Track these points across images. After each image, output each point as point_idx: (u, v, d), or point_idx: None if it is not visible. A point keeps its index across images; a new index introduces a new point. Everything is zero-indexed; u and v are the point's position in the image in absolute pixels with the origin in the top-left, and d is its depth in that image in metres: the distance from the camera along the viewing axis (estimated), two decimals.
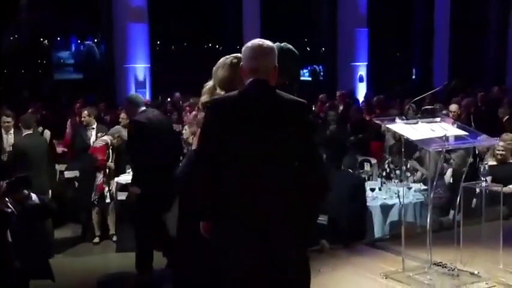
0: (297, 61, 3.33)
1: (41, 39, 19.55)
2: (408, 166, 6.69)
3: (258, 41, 2.88)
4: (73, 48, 20.45)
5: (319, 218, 5.41)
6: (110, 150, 6.60)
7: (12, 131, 6.79)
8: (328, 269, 4.55)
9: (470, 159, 5.67)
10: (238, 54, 3.11)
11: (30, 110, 8.98)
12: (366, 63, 14.66)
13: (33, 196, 4.46)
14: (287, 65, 3.12)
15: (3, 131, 6.87)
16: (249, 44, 2.87)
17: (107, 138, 6.62)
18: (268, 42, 2.90)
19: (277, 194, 2.74)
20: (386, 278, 4.32)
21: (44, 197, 4.67)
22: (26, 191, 4.37)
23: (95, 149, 6.61)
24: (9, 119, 6.82)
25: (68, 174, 7.35)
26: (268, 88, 2.82)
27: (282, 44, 3.29)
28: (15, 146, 6.28)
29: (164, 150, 5.04)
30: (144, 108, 5.32)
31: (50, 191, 6.31)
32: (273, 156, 2.74)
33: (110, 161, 6.64)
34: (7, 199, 4.14)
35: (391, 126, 4.45)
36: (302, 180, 2.83)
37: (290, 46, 3.33)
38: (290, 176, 2.79)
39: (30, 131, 6.41)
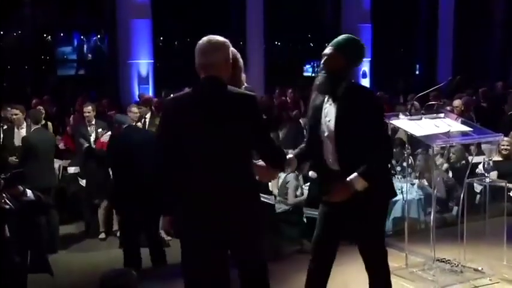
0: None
1: (44, 35, 19.57)
2: (418, 162, 6.68)
3: (207, 37, 2.91)
4: (76, 44, 20.47)
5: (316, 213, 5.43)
6: None
7: (24, 125, 6.64)
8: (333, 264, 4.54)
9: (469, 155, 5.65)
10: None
11: (33, 104, 9.00)
12: (369, 59, 14.60)
13: (29, 192, 4.47)
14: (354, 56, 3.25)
15: (15, 126, 6.74)
16: (200, 41, 2.91)
17: (106, 136, 6.62)
18: (217, 38, 2.93)
19: (233, 190, 2.80)
20: (390, 273, 4.32)
21: (39, 193, 4.66)
22: (21, 187, 4.38)
23: (102, 143, 6.62)
24: (17, 112, 6.68)
25: (71, 170, 7.37)
26: (219, 84, 2.83)
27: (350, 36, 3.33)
28: (25, 141, 6.26)
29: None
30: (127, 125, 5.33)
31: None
32: (226, 151, 2.78)
33: None
34: (4, 195, 4.15)
35: (395, 122, 4.44)
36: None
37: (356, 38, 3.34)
38: (245, 170, 2.86)
39: (38, 126, 6.50)
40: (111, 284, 2.79)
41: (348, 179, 3.06)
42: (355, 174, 3.05)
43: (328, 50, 3.25)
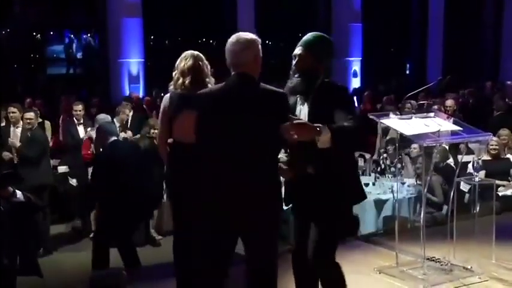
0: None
1: (34, 34, 19.45)
2: (403, 161, 6.73)
3: (235, 35, 2.98)
4: (66, 42, 20.36)
5: None
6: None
7: (20, 124, 6.47)
8: None
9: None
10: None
11: (27, 104, 8.93)
12: (359, 58, 14.68)
13: (18, 193, 4.44)
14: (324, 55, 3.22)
15: (11, 124, 6.59)
16: (229, 39, 2.97)
17: (92, 133, 6.55)
18: (246, 36, 2.97)
19: (261, 186, 2.86)
20: (380, 273, 4.36)
21: (28, 194, 4.64)
22: (11, 188, 4.35)
23: (89, 142, 6.59)
24: (15, 110, 6.61)
25: (61, 169, 7.34)
26: (251, 80, 2.91)
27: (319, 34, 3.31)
28: (43, 137, 6.32)
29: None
30: (114, 138, 4.96)
31: None
32: (257, 145, 2.84)
33: None
34: None
35: (386, 121, 4.46)
36: None
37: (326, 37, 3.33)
38: (273, 166, 2.94)
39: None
40: (100, 284, 2.80)
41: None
42: (324, 125, 2.88)
43: (298, 51, 3.23)
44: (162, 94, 12.08)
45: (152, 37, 18.25)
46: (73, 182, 6.95)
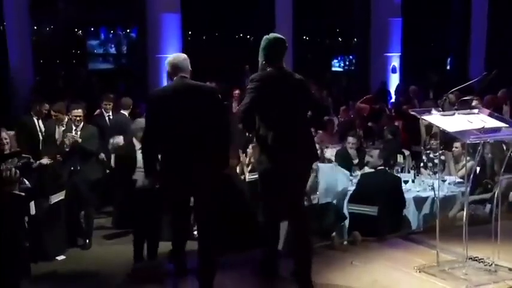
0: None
1: (75, 30, 19.87)
2: (443, 158, 6.60)
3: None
4: (106, 38, 20.74)
5: (368, 209, 5.41)
6: None
7: (64, 123, 6.54)
8: (361, 261, 4.51)
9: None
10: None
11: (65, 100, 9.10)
12: (399, 53, 14.41)
13: (26, 181, 4.56)
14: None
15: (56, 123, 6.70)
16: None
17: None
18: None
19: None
20: (420, 271, 4.26)
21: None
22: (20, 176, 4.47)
23: None
24: (60, 111, 6.65)
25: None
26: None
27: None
28: (94, 132, 6.44)
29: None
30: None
31: None
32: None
33: None
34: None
35: (428, 117, 4.37)
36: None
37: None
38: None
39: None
40: (140, 275, 2.80)
41: None
42: None
43: None
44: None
45: (190, 32, 18.37)
46: None
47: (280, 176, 3.88)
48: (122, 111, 7.82)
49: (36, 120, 7.18)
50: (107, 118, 7.89)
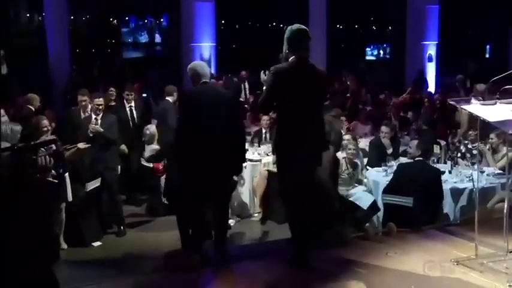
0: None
1: (110, 19, 20.11)
2: (481, 148, 6.43)
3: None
4: (140, 27, 20.92)
5: (404, 201, 5.32)
6: None
7: (88, 109, 6.57)
8: (396, 252, 4.45)
9: None
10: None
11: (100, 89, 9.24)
12: (436, 42, 14.10)
13: (59, 169, 4.65)
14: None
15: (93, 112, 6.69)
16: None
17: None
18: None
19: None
20: (457, 264, 4.17)
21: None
22: None
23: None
24: (85, 97, 6.75)
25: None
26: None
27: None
28: (114, 121, 6.38)
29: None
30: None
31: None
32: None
33: None
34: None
35: (467, 107, 4.25)
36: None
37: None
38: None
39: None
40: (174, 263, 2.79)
41: None
42: None
43: None
44: (235, 79, 12.23)
45: (223, 21, 18.37)
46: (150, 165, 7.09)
47: (292, 164, 4.15)
48: (166, 98, 7.75)
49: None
50: (128, 109, 7.59)
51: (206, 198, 4.56)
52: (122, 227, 6.30)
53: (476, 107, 4.20)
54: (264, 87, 4.27)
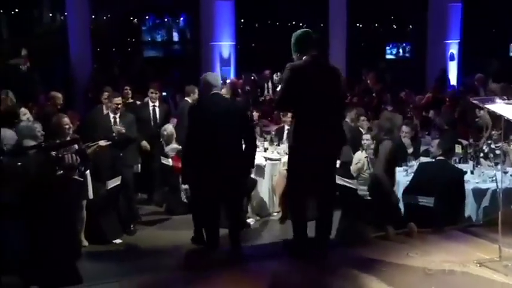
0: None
1: (131, 18, 20.26)
2: (505, 148, 6.33)
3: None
4: (159, 25, 21.05)
5: (425, 201, 5.27)
6: None
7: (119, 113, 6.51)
8: (417, 253, 4.40)
9: None
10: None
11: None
12: (458, 40, 13.92)
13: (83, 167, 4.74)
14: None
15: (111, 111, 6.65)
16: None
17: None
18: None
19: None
20: (480, 265, 4.12)
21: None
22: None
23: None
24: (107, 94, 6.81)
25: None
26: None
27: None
28: (133, 120, 6.48)
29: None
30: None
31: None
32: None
33: None
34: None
35: (491, 106, 4.19)
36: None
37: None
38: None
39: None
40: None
41: None
42: None
43: None
44: (253, 77, 12.24)
45: (242, 20, 18.37)
46: (168, 161, 7.12)
47: (305, 162, 4.24)
48: (186, 98, 7.77)
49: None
50: (151, 108, 7.50)
51: (215, 201, 4.73)
52: (131, 226, 6.30)
53: (499, 106, 4.13)
54: (279, 87, 4.45)
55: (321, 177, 4.37)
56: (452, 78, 13.64)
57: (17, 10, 16.26)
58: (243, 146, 4.71)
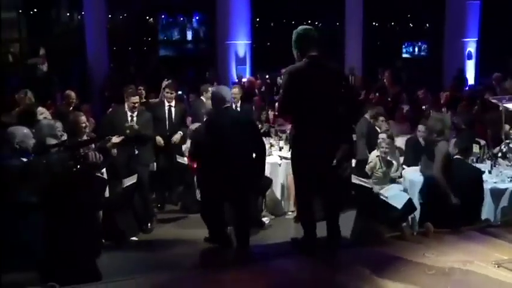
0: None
1: (147, 17, 20.36)
2: None
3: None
4: (176, 25, 21.12)
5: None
6: None
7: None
8: (434, 253, 4.36)
9: None
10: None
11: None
12: (475, 39, 13.77)
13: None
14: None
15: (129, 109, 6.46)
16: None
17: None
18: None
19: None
20: (498, 266, 4.07)
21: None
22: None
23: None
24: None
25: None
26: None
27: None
28: (150, 118, 6.49)
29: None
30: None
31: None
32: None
33: None
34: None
35: (510, 105, 4.13)
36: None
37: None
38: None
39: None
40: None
41: None
42: None
43: None
44: (267, 76, 12.24)
45: (258, 19, 18.36)
46: (184, 160, 7.14)
47: (306, 164, 4.30)
48: (201, 97, 7.81)
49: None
50: (166, 108, 7.27)
51: (224, 204, 4.92)
52: (149, 224, 6.33)
53: None
54: (281, 91, 4.47)
55: (325, 178, 4.37)
56: (470, 77, 13.50)
57: (35, 10, 16.44)
58: (253, 154, 4.84)
